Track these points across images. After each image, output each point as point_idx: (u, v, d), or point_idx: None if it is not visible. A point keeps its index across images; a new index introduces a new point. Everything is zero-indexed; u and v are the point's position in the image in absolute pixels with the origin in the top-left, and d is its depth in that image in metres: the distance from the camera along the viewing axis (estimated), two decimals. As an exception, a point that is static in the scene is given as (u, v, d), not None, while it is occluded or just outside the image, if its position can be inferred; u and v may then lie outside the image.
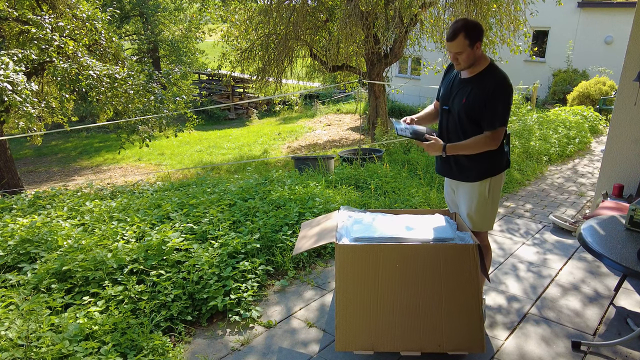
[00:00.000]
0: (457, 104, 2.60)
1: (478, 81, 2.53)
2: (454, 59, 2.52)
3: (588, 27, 14.79)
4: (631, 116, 4.38)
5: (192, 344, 2.84)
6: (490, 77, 2.51)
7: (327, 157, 7.23)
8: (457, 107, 2.61)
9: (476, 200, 2.72)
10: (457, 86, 2.64)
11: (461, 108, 2.57)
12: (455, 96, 2.63)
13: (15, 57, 6.94)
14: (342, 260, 2.57)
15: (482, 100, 2.49)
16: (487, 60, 2.55)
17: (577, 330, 2.91)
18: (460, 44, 2.43)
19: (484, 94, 2.48)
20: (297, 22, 10.02)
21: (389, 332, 2.52)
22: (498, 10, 9.53)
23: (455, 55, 2.49)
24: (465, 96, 2.55)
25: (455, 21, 2.46)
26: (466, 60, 2.49)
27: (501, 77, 2.49)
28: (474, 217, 2.76)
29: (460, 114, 2.59)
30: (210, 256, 3.40)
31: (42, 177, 12.69)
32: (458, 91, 2.61)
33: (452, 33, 2.43)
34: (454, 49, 2.46)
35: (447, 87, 2.73)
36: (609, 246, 2.40)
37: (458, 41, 2.43)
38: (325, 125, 17.81)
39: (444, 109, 2.73)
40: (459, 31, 2.41)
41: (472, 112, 2.54)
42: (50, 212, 4.45)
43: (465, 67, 2.54)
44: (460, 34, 2.41)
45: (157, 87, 9.22)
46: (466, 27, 2.42)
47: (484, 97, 2.48)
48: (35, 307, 2.75)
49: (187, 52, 23.53)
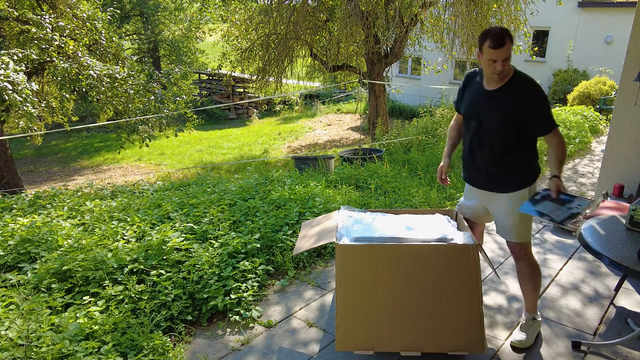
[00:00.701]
0: (490, 117, 2.53)
1: (510, 90, 2.48)
2: (500, 66, 2.42)
3: (588, 27, 14.79)
4: (631, 116, 4.37)
5: (192, 344, 2.84)
6: (522, 83, 2.47)
7: (327, 157, 7.24)
8: (490, 121, 2.54)
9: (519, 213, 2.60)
10: (484, 98, 2.56)
11: (496, 120, 2.51)
12: (486, 109, 2.55)
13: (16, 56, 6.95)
14: (342, 260, 2.57)
15: (522, 107, 2.43)
16: (511, 68, 2.50)
17: (577, 330, 2.91)
18: (508, 49, 2.39)
19: (523, 101, 2.43)
20: (297, 22, 10.02)
21: (389, 332, 2.52)
22: (498, 10, 9.53)
23: (503, 62, 2.41)
24: (498, 108, 2.49)
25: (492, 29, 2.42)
26: (507, 66, 2.44)
27: (532, 80, 2.47)
28: (519, 228, 2.66)
29: (495, 127, 2.53)
30: (210, 256, 3.41)
31: (42, 176, 12.70)
32: (487, 103, 2.54)
33: (501, 39, 2.36)
34: (504, 54, 2.39)
35: (471, 101, 2.65)
36: (609, 246, 2.40)
37: (507, 47, 2.38)
38: (325, 125, 17.81)
39: (471, 123, 2.65)
40: (505, 37, 2.37)
41: (511, 123, 2.48)
42: (50, 212, 4.45)
43: (504, 75, 2.47)
44: (507, 39, 2.37)
45: (157, 87, 9.23)
46: (508, 32, 2.40)
47: (523, 104, 2.43)
48: (35, 307, 2.75)
49: (187, 52, 23.52)
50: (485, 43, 2.39)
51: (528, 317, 2.81)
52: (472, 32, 9.34)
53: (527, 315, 2.82)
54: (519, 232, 2.66)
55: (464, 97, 2.75)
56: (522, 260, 2.73)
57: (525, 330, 2.77)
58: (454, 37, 9.88)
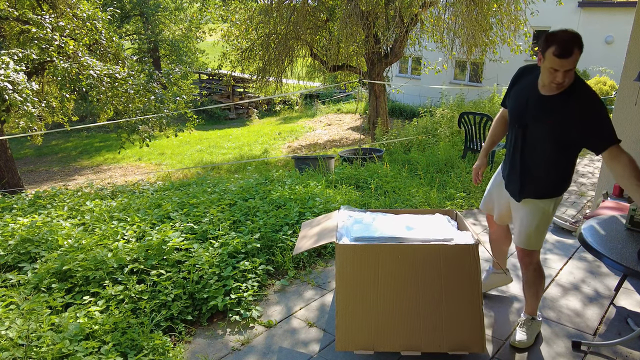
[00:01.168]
0: (539, 124, 2.34)
1: (569, 99, 2.26)
2: (561, 78, 2.18)
3: (588, 26, 14.78)
4: (632, 116, 4.37)
5: (193, 344, 2.84)
6: (583, 93, 2.25)
7: (327, 157, 7.24)
8: (539, 128, 2.36)
9: (538, 218, 2.54)
10: (537, 103, 2.36)
11: (546, 129, 2.32)
12: (537, 116, 2.36)
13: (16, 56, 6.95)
14: (342, 260, 2.57)
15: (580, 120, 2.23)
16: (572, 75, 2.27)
17: (577, 330, 2.91)
18: (576, 59, 2.13)
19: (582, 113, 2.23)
20: (297, 22, 10.03)
21: (389, 331, 2.52)
22: (498, 10, 9.54)
23: (565, 73, 2.17)
24: (551, 116, 2.30)
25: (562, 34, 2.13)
26: (571, 77, 2.23)
27: (592, 90, 2.26)
28: (532, 236, 2.58)
29: (543, 135, 2.36)
30: (210, 256, 3.41)
31: (42, 176, 12.70)
32: (539, 110, 2.35)
33: (569, 48, 2.10)
34: (569, 65, 2.14)
35: (521, 101, 2.45)
36: (609, 246, 2.40)
37: (574, 57, 2.11)
38: (325, 125, 17.81)
39: (517, 127, 2.47)
40: (574, 46, 2.10)
41: (563, 134, 2.30)
42: (50, 212, 4.45)
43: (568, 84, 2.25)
44: (576, 49, 2.10)
45: (157, 86, 9.24)
46: (580, 40, 2.12)
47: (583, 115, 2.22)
48: (35, 307, 2.75)
49: (187, 52, 23.52)
50: (550, 49, 2.14)
51: (527, 317, 2.82)
52: (472, 32, 9.35)
53: (527, 316, 2.82)
54: (530, 239, 2.60)
55: (512, 93, 2.56)
56: (528, 267, 2.69)
57: (525, 330, 2.77)
58: (454, 37, 9.88)
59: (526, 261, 2.68)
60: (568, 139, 2.32)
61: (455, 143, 7.82)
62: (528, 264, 2.68)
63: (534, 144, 2.44)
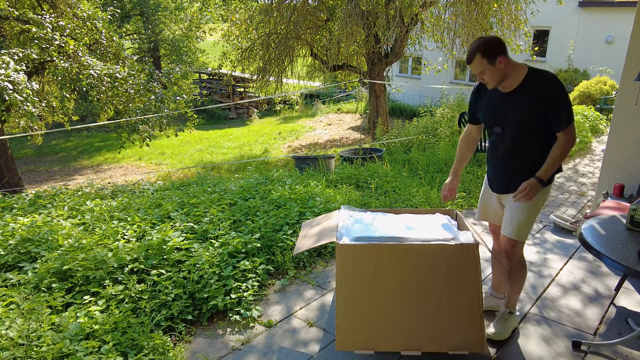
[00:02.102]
0: (512, 119, 2.52)
1: (528, 89, 2.45)
2: (480, 80, 2.51)
3: (589, 26, 14.78)
4: (632, 116, 4.37)
5: (193, 343, 2.85)
6: (539, 80, 2.44)
7: (327, 157, 7.24)
8: (513, 123, 2.52)
9: (528, 209, 2.59)
10: (503, 103, 2.54)
11: (519, 121, 2.49)
12: (507, 113, 2.54)
13: (16, 56, 6.95)
14: (342, 259, 2.57)
15: (543, 104, 2.41)
16: (524, 68, 2.47)
17: (577, 330, 2.91)
18: (479, 64, 2.41)
19: (542, 97, 2.41)
20: (297, 22, 10.03)
21: (390, 331, 2.52)
22: (499, 9, 9.53)
23: (479, 76, 2.47)
24: (520, 108, 2.47)
25: (472, 43, 2.45)
26: (492, 78, 2.45)
27: (550, 76, 2.43)
28: (520, 225, 2.62)
29: (519, 128, 2.51)
30: (210, 255, 3.41)
31: (42, 176, 12.71)
32: (508, 106, 2.52)
33: (469, 55, 2.43)
34: (475, 70, 2.45)
35: (490, 107, 2.64)
36: (609, 246, 2.40)
37: (476, 62, 2.41)
38: (325, 124, 17.81)
39: (496, 129, 2.62)
40: (475, 52, 2.40)
41: (534, 121, 2.47)
42: (50, 212, 4.45)
43: (496, 84, 2.49)
44: (477, 54, 2.39)
45: (157, 86, 9.23)
46: (481, 47, 2.39)
47: (543, 101, 2.41)
48: (35, 307, 2.75)
49: (187, 52, 23.52)
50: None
51: (505, 310, 2.84)
52: (472, 31, 9.34)
53: (505, 310, 2.84)
54: (519, 229, 2.63)
55: (479, 107, 2.73)
56: (512, 258, 2.70)
57: (502, 323, 2.79)
58: (454, 36, 9.88)
59: (511, 252, 2.69)
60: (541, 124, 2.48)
61: (455, 143, 7.81)
62: (512, 255, 2.69)
63: (513, 138, 2.55)
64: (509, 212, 2.67)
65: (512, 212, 2.64)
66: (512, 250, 2.68)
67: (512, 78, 2.47)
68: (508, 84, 2.49)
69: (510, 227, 2.64)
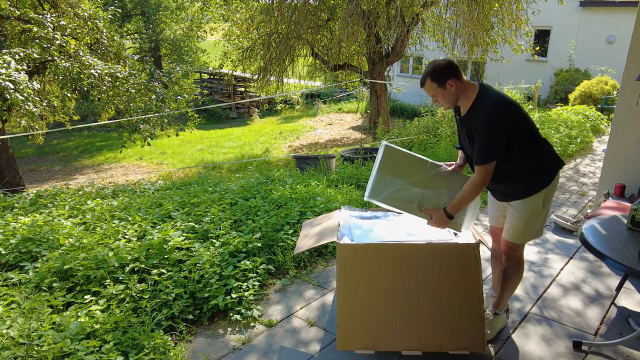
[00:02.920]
0: (466, 145, 2.57)
1: (470, 117, 2.47)
2: (433, 101, 2.56)
3: (590, 26, 14.76)
4: (633, 116, 4.36)
5: (193, 343, 2.85)
6: (477, 110, 2.42)
7: (328, 157, 7.23)
8: (467, 148, 2.58)
9: (527, 214, 2.57)
10: (459, 126, 2.61)
11: (470, 149, 2.52)
12: (462, 137, 2.61)
13: (17, 56, 6.96)
14: (343, 259, 2.57)
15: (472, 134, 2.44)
16: (474, 92, 2.44)
17: (578, 330, 2.91)
18: (430, 88, 2.46)
19: (474, 129, 2.41)
20: (298, 21, 10.03)
21: (390, 331, 2.52)
22: (500, 9, 9.52)
23: (433, 99, 2.52)
24: (467, 135, 2.50)
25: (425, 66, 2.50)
26: (444, 100, 2.49)
27: (486, 108, 2.37)
28: (522, 230, 2.62)
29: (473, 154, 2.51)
30: (211, 255, 3.41)
31: (43, 175, 12.72)
32: (461, 131, 2.59)
33: (421, 80, 2.49)
34: (429, 93, 2.49)
35: (457, 129, 2.71)
36: (610, 246, 2.40)
37: (427, 86, 2.47)
38: (326, 124, 17.81)
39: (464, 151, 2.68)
40: (425, 77, 2.45)
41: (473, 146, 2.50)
42: (51, 211, 4.46)
43: (450, 106, 2.53)
44: (427, 79, 2.44)
45: (158, 86, 9.23)
46: (431, 71, 2.43)
47: (472, 131, 2.43)
48: (36, 306, 2.76)
49: (188, 51, 23.53)
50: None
51: (491, 311, 2.84)
52: (473, 31, 9.34)
53: (491, 310, 2.84)
54: (518, 234, 2.63)
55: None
56: (510, 260, 2.70)
57: (488, 325, 2.79)
58: (455, 36, 9.87)
59: (509, 254, 2.70)
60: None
61: (456, 142, 7.80)
62: (511, 256, 2.70)
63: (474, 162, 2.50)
64: (509, 216, 2.68)
65: (513, 217, 2.64)
66: (512, 252, 2.69)
67: (464, 101, 2.49)
68: (462, 107, 2.52)
69: (511, 231, 2.66)
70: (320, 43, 11.68)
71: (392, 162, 2.62)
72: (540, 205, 2.56)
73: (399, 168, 2.63)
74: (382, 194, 2.60)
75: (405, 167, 2.64)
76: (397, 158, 2.64)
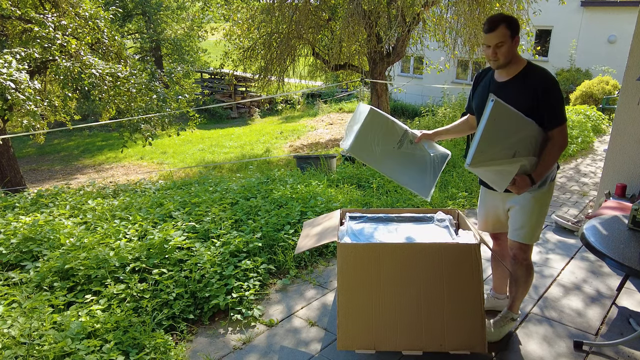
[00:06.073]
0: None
1: (522, 81, 2.39)
2: (492, 54, 2.36)
3: (591, 26, 14.74)
4: (634, 116, 4.36)
5: (194, 343, 2.85)
6: (535, 74, 2.38)
7: (329, 156, 7.23)
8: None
9: (537, 208, 2.52)
10: (495, 91, 2.43)
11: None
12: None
13: (18, 55, 6.96)
14: (344, 259, 2.57)
15: (533, 99, 2.35)
16: (523, 60, 2.42)
17: (579, 330, 2.91)
18: (502, 34, 2.31)
19: (534, 92, 2.34)
20: (299, 21, 10.02)
21: (391, 331, 2.52)
22: (501, 9, 9.50)
23: (494, 49, 2.34)
24: (510, 99, 2.36)
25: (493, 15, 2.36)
26: (506, 55, 2.35)
27: (546, 72, 2.37)
28: (530, 228, 2.55)
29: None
30: (212, 255, 3.41)
31: (44, 175, 12.72)
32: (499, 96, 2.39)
33: (493, 23, 2.32)
34: (495, 40, 2.32)
35: (482, 96, 2.56)
36: (611, 246, 2.39)
37: (499, 31, 2.31)
38: (327, 124, 17.80)
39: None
40: (500, 21, 2.31)
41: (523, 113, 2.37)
42: (52, 211, 4.46)
43: (504, 64, 2.39)
44: (502, 24, 2.30)
45: (159, 85, 9.23)
46: (509, 18, 2.32)
47: (535, 95, 2.34)
48: (37, 305, 2.76)
49: (189, 51, 23.54)
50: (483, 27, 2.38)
51: (507, 314, 2.79)
52: (474, 31, 9.33)
53: (507, 313, 2.79)
54: (528, 232, 2.56)
55: (475, 95, 2.68)
56: (520, 263, 2.63)
57: (500, 325, 2.76)
58: (456, 36, 9.86)
59: (521, 257, 2.61)
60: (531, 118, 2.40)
61: (457, 142, 7.81)
62: (523, 259, 2.62)
63: None
64: (518, 218, 2.58)
65: (522, 217, 2.56)
66: (523, 255, 2.61)
67: (513, 66, 2.43)
68: (506, 71, 2.45)
69: (522, 231, 2.57)
70: (321, 43, 11.67)
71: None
72: (547, 198, 2.55)
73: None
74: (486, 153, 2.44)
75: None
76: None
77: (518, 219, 2.58)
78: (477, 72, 2.76)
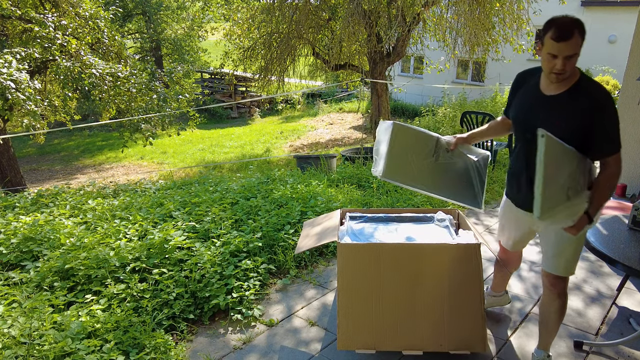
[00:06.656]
0: (547, 128, 1.96)
1: (573, 96, 2.03)
2: (560, 65, 1.95)
3: (591, 26, 14.72)
4: (634, 116, 4.36)
5: (194, 342, 2.85)
6: (589, 89, 2.02)
7: (329, 156, 7.23)
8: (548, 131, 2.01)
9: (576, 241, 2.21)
10: (541, 105, 2.12)
11: (554, 132, 1.98)
12: (543, 119, 2.09)
13: (19, 55, 6.96)
14: (344, 259, 2.57)
15: (583, 119, 2.01)
16: (576, 71, 2.05)
17: (579, 330, 2.91)
18: (576, 43, 1.91)
19: (587, 111, 1.99)
20: (299, 21, 10.02)
21: (391, 331, 2.52)
22: (501, 9, 9.51)
23: (564, 60, 1.94)
24: (559, 117, 2.05)
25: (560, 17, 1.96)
26: (574, 63, 1.97)
27: (602, 88, 2.01)
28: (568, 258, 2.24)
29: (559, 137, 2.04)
30: (212, 255, 3.41)
31: (44, 175, 12.73)
32: (545, 111, 2.10)
33: (566, 29, 1.91)
34: (569, 51, 1.92)
35: (524, 106, 2.21)
36: (611, 246, 2.39)
37: (574, 41, 1.90)
38: (327, 124, 17.80)
39: (521, 134, 2.23)
40: (574, 28, 1.91)
41: (573, 136, 2.04)
42: (52, 211, 4.46)
43: (568, 74, 2.01)
44: (576, 31, 1.90)
45: (159, 85, 9.23)
46: (579, 22, 1.93)
47: (587, 115, 2.00)
48: (37, 305, 2.76)
49: (189, 51, 23.54)
50: (548, 33, 1.95)
51: (543, 355, 2.47)
52: (474, 31, 9.33)
53: (541, 354, 2.48)
54: (567, 262, 2.24)
55: (515, 101, 2.31)
56: (560, 295, 2.31)
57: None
58: (456, 36, 9.86)
59: (559, 288, 2.30)
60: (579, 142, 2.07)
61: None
62: (561, 291, 2.30)
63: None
64: (554, 244, 2.26)
65: (559, 245, 2.24)
66: (562, 286, 2.30)
67: (571, 78, 2.05)
68: (558, 85, 2.07)
69: (558, 261, 2.25)
70: (321, 43, 11.67)
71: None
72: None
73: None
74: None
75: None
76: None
77: (553, 246, 2.26)
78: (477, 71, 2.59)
